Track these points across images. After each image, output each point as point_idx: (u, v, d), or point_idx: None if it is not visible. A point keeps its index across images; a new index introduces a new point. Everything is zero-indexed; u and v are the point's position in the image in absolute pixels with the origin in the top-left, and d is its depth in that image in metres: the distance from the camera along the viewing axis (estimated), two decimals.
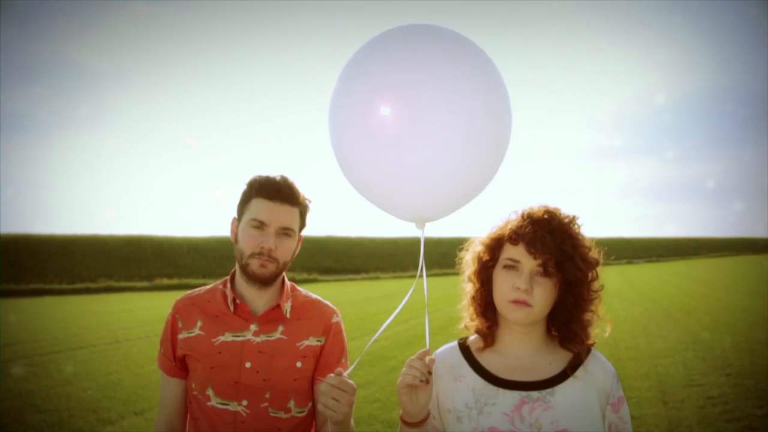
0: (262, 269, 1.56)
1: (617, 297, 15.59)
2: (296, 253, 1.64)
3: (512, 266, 1.35)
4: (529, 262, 1.33)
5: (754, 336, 9.07)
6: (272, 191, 1.56)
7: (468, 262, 1.46)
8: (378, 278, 29.90)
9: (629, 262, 42.52)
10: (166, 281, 25.79)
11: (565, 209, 1.40)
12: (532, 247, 1.32)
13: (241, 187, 1.62)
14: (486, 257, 1.41)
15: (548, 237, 1.32)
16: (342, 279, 28.25)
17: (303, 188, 1.62)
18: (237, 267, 1.64)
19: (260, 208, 1.56)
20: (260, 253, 1.55)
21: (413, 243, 35.99)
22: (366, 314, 13.05)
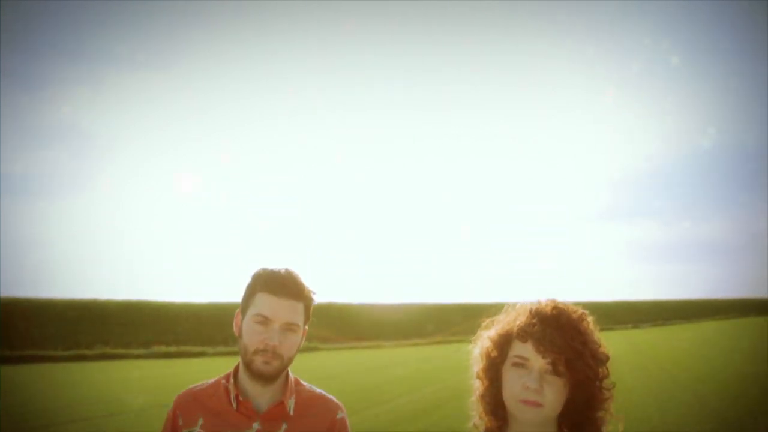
0: (267, 366, 1.53)
1: (625, 364, 15.21)
2: (300, 346, 1.62)
3: (521, 364, 1.33)
4: (538, 361, 1.31)
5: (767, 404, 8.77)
6: (277, 286, 1.56)
7: (476, 357, 1.44)
8: (380, 346, 29.27)
9: (635, 326, 41.77)
10: (163, 348, 25.26)
11: (574, 303, 1.40)
12: (541, 346, 1.30)
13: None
14: (494, 353, 1.39)
15: (557, 335, 1.31)
16: (343, 347, 27.68)
17: (306, 281, 1.62)
18: (240, 362, 1.61)
19: (265, 303, 1.55)
20: (264, 350, 1.53)
21: (415, 309, 35.50)
22: (368, 385, 12.70)
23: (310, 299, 1.62)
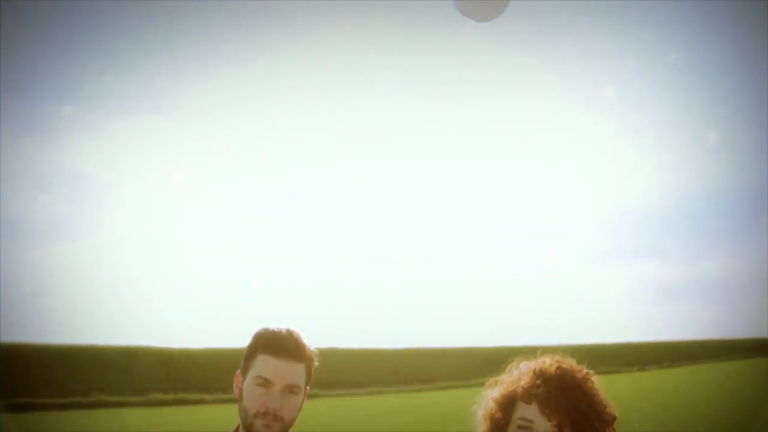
0: (267, 430, 1.49)
1: (634, 410, 14.85)
2: (301, 408, 1.59)
3: (526, 426, 1.30)
4: (543, 423, 1.28)
5: None
6: (278, 348, 1.53)
7: (480, 419, 1.41)
8: (381, 392, 28.68)
9: (641, 369, 41.00)
10: (161, 396, 24.75)
11: (577, 363, 1.38)
12: (546, 408, 1.28)
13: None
14: (498, 415, 1.36)
15: (562, 397, 1.29)
16: (344, 394, 27.12)
17: (307, 341, 1.60)
18: (240, 424, 1.57)
19: (266, 365, 1.53)
20: (265, 413, 1.49)
21: (418, 355, 34.92)
22: None
23: (312, 360, 1.60)
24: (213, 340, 31.04)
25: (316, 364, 1.62)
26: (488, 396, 1.41)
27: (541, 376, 1.33)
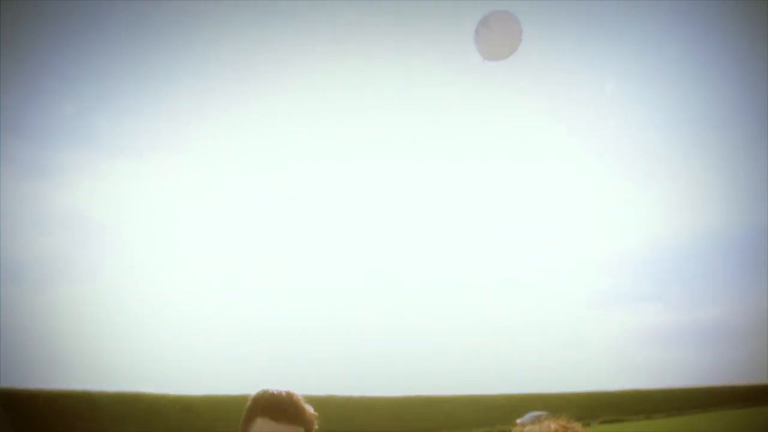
0: None
1: None
2: None
3: None
4: None
5: None
6: (277, 411, 1.51)
7: None
8: None
9: (648, 417, 39.92)
10: None
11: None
12: None
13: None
14: None
15: None
16: None
17: (307, 403, 1.59)
18: None
19: (264, 428, 1.50)
20: None
21: (419, 403, 34.14)
22: None
23: (312, 423, 1.58)
24: (209, 388, 30.46)
25: (316, 427, 1.59)
26: None
27: None
